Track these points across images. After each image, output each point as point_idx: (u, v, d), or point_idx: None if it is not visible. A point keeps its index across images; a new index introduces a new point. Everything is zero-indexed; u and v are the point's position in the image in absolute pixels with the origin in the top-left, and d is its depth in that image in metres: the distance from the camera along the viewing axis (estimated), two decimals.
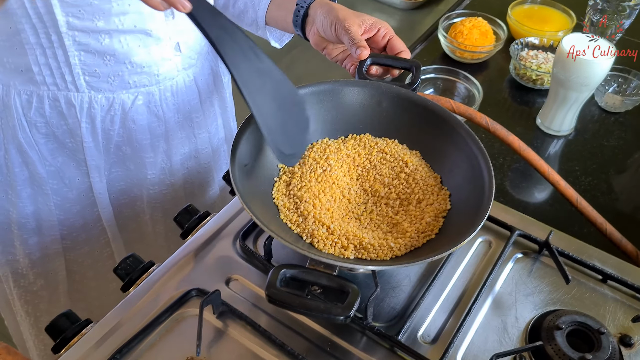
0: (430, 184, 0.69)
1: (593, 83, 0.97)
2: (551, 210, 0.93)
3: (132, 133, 0.86)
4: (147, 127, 0.87)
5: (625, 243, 0.81)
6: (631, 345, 0.62)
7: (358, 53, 0.75)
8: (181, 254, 0.71)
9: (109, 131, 0.84)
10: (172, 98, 0.87)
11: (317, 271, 0.56)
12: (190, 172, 0.98)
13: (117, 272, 0.69)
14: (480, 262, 0.71)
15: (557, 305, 0.66)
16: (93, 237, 0.95)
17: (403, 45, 0.80)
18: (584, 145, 1.04)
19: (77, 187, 0.88)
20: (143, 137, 0.87)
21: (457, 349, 0.62)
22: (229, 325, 0.64)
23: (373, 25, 0.79)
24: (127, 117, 0.84)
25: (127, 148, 0.87)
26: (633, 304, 0.67)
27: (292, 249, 0.57)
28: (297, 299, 0.54)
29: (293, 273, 0.56)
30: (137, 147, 0.88)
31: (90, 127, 0.82)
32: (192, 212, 0.75)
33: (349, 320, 0.53)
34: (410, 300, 0.66)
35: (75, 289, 1.00)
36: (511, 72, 1.15)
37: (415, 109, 0.73)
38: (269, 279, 0.54)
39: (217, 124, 1.00)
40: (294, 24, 0.84)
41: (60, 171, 0.86)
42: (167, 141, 0.90)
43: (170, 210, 0.98)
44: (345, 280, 0.55)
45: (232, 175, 0.62)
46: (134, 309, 0.65)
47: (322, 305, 0.53)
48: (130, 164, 0.89)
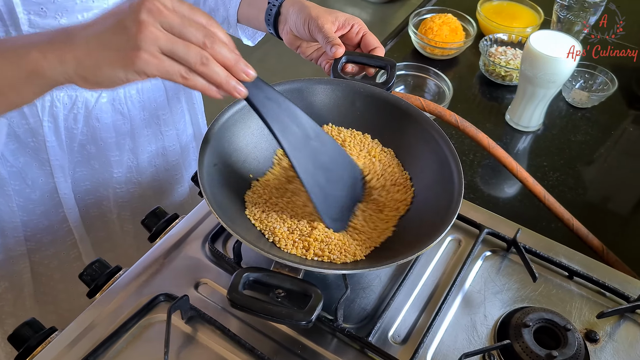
0: (398, 183, 0.69)
1: (560, 80, 0.98)
2: (520, 206, 0.94)
3: (96, 131, 0.84)
4: (112, 125, 0.85)
5: (592, 238, 0.83)
6: (596, 341, 0.63)
7: (333, 51, 0.74)
8: (149, 258, 0.69)
9: (72, 130, 0.82)
10: (137, 95, 0.85)
11: (281, 274, 0.55)
12: (158, 170, 0.97)
13: (83, 278, 0.67)
14: (450, 261, 0.71)
15: (525, 303, 0.67)
16: (59, 238, 0.93)
17: (377, 41, 0.79)
18: (552, 140, 1.05)
19: (40, 187, 0.86)
20: (108, 135, 0.85)
21: (427, 349, 0.62)
22: (198, 330, 0.63)
23: (346, 21, 0.78)
24: (90, 115, 0.82)
25: (91, 147, 0.85)
26: (598, 300, 0.68)
27: (254, 250, 0.56)
28: (259, 303, 0.53)
29: (257, 276, 0.55)
30: (102, 145, 0.86)
31: (53, 125, 0.80)
32: (160, 215, 0.74)
33: (310, 324, 0.53)
34: (381, 301, 0.67)
35: (42, 292, 0.98)
36: (481, 68, 1.16)
37: (388, 109, 0.72)
38: (231, 282, 0.54)
39: (185, 120, 0.99)
40: (267, 23, 0.82)
41: (23, 172, 0.84)
42: (133, 139, 0.89)
43: (139, 208, 0.96)
44: (308, 284, 0.55)
45: (200, 177, 0.61)
46: (100, 315, 0.63)
47: (284, 311, 0.53)
48: (95, 162, 0.88)
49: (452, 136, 1.03)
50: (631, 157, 1.04)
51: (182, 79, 0.52)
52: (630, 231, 0.93)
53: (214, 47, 0.52)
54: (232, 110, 0.68)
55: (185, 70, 0.52)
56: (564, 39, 0.97)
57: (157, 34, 0.49)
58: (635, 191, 0.99)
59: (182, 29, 0.51)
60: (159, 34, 0.49)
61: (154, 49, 0.50)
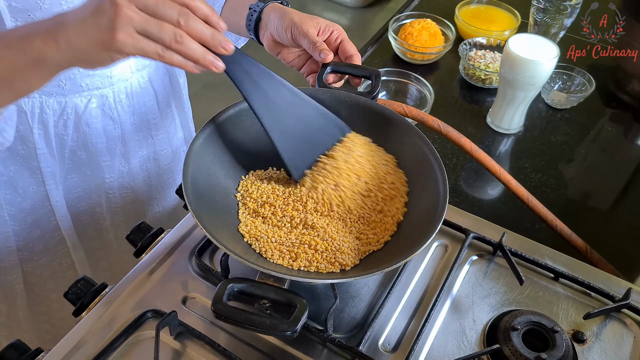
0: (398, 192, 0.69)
1: (539, 82, 0.99)
2: (504, 208, 0.95)
3: (87, 137, 0.84)
4: (102, 130, 0.85)
5: (575, 238, 0.84)
6: (584, 342, 0.64)
7: (323, 57, 0.74)
8: (135, 274, 0.69)
9: (63, 136, 0.82)
10: (127, 100, 0.85)
11: (266, 284, 0.55)
12: (150, 174, 0.97)
13: (68, 297, 0.66)
14: (437, 266, 0.72)
15: (513, 306, 0.67)
16: (51, 247, 0.92)
17: (354, 49, 0.80)
18: (532, 142, 1.06)
19: (31, 196, 0.86)
20: (98, 140, 0.85)
21: (418, 356, 0.62)
22: (187, 346, 0.63)
23: (327, 27, 0.78)
24: (80, 121, 0.82)
25: (82, 153, 0.85)
26: (584, 300, 0.69)
27: (237, 260, 0.56)
28: (243, 314, 0.53)
29: (241, 287, 0.55)
30: (93, 151, 0.86)
31: (43, 133, 0.80)
32: (145, 230, 0.73)
33: (295, 334, 0.53)
34: (370, 309, 0.67)
35: (36, 302, 0.97)
36: (461, 72, 1.17)
37: (373, 117, 0.73)
38: (215, 293, 0.54)
39: (175, 124, 0.99)
40: (247, 28, 0.82)
41: (14, 180, 0.84)
42: (124, 144, 0.89)
43: (132, 213, 0.96)
44: (293, 294, 0.55)
45: (185, 189, 0.61)
46: (87, 335, 0.62)
47: (268, 321, 0.53)
48: (87, 169, 0.87)
49: (434, 140, 1.04)
50: (609, 154, 1.06)
51: (158, 56, 0.55)
52: (611, 228, 0.95)
53: (189, 23, 0.54)
54: (217, 121, 0.68)
55: (161, 48, 0.54)
56: (541, 42, 0.99)
57: (131, 14, 0.52)
58: (614, 188, 1.01)
59: (156, 9, 0.53)
60: (133, 15, 0.52)
61: (130, 30, 0.52)
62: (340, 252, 0.62)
